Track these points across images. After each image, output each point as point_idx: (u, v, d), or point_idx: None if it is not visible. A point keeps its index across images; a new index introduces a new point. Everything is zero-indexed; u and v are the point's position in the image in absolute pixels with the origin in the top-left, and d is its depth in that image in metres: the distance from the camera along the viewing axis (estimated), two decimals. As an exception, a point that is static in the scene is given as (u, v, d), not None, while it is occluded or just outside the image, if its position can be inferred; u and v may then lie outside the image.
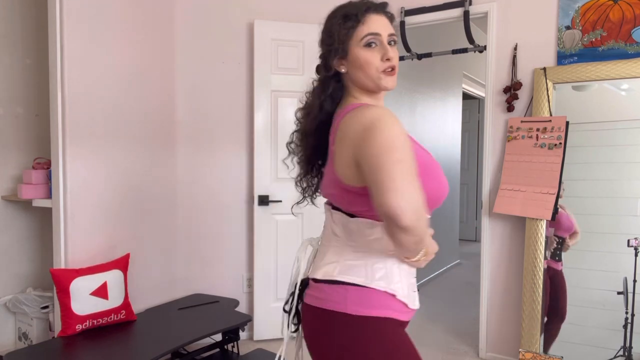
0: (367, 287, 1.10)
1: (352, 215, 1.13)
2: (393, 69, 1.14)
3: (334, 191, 1.14)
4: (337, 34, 1.14)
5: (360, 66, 1.14)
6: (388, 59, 1.13)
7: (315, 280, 1.16)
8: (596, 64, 2.55)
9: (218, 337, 2.74)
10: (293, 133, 1.30)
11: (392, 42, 1.16)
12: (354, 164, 1.04)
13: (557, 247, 2.67)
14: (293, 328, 1.27)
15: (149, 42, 2.92)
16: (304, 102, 1.26)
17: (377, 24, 1.14)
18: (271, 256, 3.14)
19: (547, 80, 2.68)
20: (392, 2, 1.27)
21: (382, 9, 1.17)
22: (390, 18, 1.19)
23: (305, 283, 1.23)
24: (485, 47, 2.95)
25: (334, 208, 1.18)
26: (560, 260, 2.65)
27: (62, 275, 2.32)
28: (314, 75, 1.25)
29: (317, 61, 1.23)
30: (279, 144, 3.11)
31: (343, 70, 1.17)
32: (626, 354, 2.45)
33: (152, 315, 2.69)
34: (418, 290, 1.23)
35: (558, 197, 2.60)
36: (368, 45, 1.13)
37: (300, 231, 3.16)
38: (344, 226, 1.15)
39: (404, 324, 1.16)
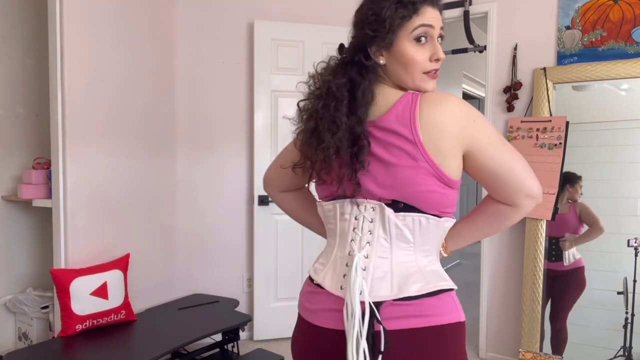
0: (455, 288, 1.05)
1: (438, 216, 1.02)
2: (436, 71, 1.04)
3: (423, 188, 0.98)
4: (388, 21, 0.99)
5: (404, 63, 1.01)
6: (437, 59, 1.02)
7: (408, 298, 0.98)
8: (596, 64, 2.55)
9: (218, 337, 2.73)
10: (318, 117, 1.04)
11: (440, 39, 1.05)
12: (458, 156, 1.00)
13: (551, 247, 2.66)
14: None
15: (149, 42, 2.92)
16: (323, 83, 1.06)
17: (431, 16, 1.02)
18: (271, 256, 3.13)
19: (547, 80, 2.68)
20: (392, 2, 1.25)
21: (438, 1, 1.04)
22: (442, 12, 1.07)
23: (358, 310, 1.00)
24: (485, 47, 2.95)
25: (402, 209, 1.00)
26: (558, 260, 2.65)
27: (62, 275, 2.32)
28: (312, 74, 1.10)
29: (317, 61, 1.14)
30: (279, 144, 3.11)
31: (382, 62, 1.03)
32: (626, 354, 2.45)
33: (152, 315, 2.69)
34: None
35: (558, 196, 2.59)
36: (417, 39, 1.00)
37: (300, 231, 3.16)
38: (423, 229, 1.01)
39: None
